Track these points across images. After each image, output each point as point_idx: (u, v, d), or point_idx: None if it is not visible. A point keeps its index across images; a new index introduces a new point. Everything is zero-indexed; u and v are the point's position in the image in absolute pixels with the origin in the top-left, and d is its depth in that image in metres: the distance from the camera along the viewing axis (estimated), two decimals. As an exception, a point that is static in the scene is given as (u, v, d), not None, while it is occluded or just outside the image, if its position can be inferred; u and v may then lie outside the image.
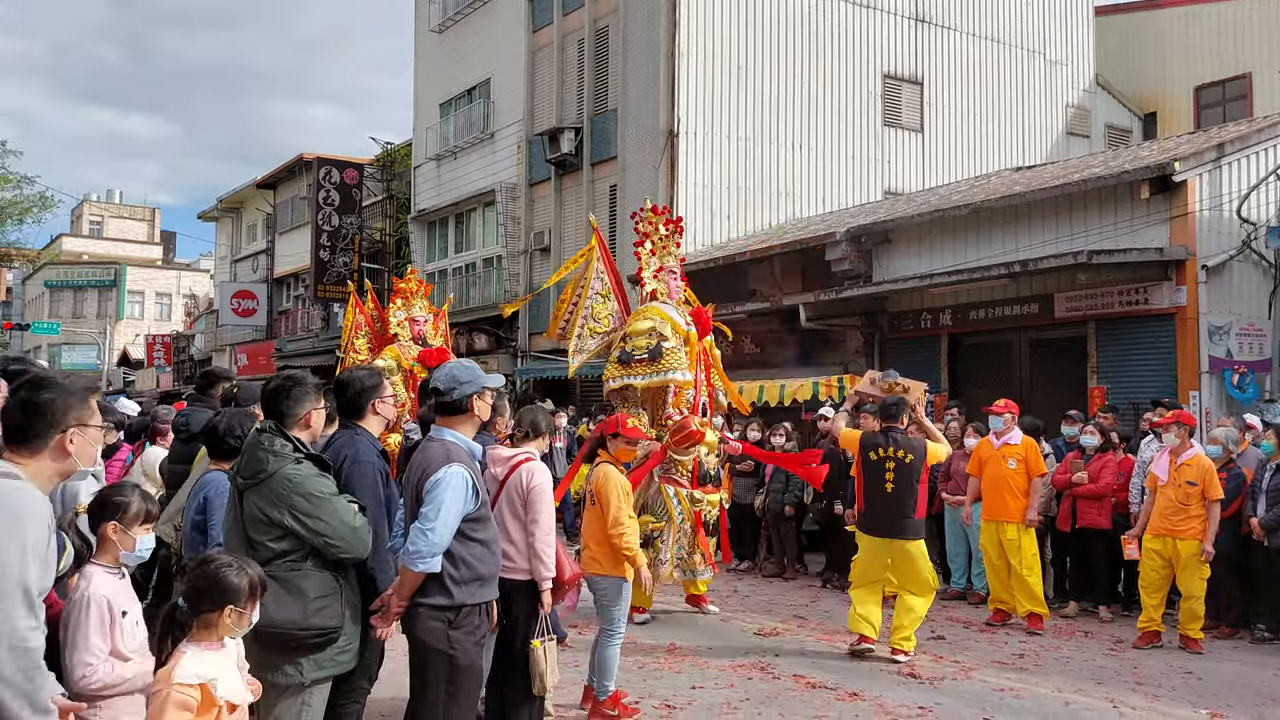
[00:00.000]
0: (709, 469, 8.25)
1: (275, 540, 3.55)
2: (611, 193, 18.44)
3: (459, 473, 3.83)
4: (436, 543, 3.76)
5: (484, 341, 21.12)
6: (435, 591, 3.82)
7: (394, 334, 11.21)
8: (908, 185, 18.98)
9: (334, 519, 3.58)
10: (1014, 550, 8.17)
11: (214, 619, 2.91)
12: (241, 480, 3.63)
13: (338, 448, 4.07)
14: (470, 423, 4.06)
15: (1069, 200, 11.88)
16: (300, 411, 3.77)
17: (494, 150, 21.41)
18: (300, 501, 3.55)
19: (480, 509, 3.93)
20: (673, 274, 8.42)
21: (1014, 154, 20.20)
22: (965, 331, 13.07)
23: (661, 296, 8.38)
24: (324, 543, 3.57)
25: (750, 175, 17.72)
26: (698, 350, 8.28)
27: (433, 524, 3.75)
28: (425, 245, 23.81)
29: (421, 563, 3.75)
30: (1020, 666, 7.02)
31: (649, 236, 8.54)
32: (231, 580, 2.91)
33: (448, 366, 4.15)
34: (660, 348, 7.94)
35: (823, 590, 10.12)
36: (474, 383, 4.03)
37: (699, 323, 8.36)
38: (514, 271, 20.57)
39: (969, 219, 12.82)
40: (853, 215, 15.93)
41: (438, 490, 3.79)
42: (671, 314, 8.22)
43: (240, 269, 34.93)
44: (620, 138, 18.03)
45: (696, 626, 8.21)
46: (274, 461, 3.58)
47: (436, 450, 3.93)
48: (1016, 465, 8.26)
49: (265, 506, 3.55)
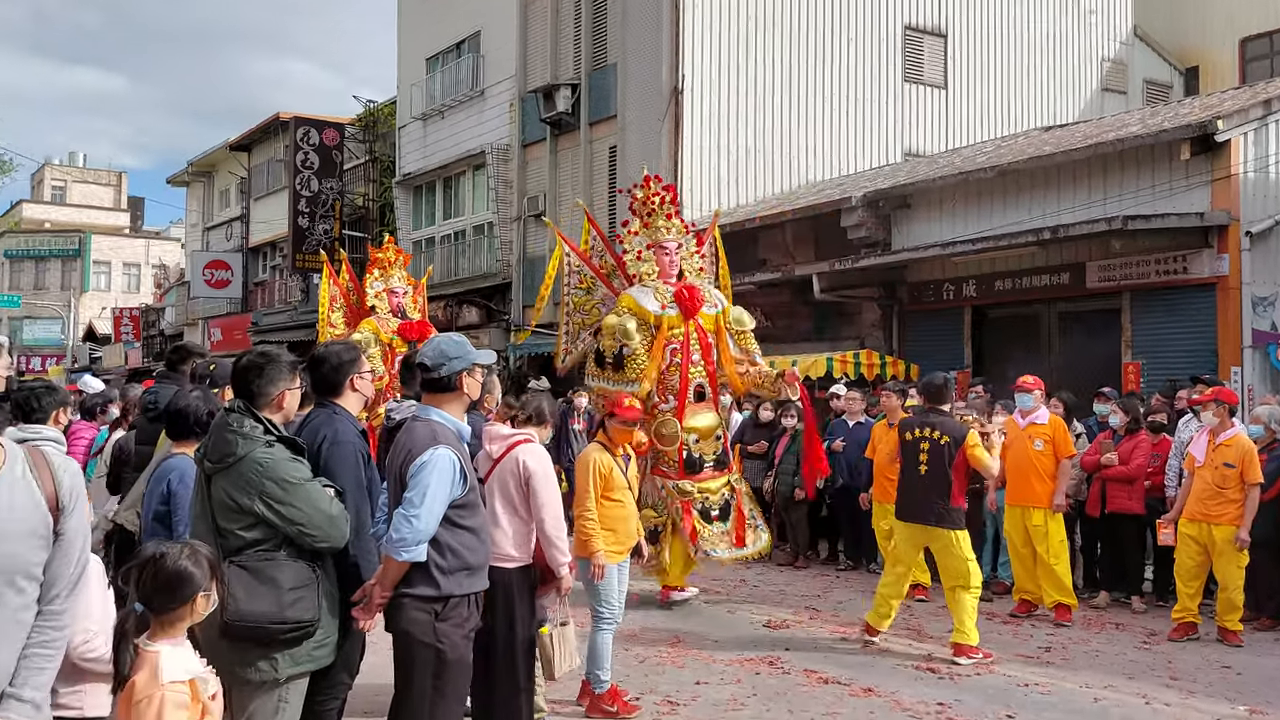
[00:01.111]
0: (699, 455, 8.23)
1: (246, 529, 3.54)
2: (611, 155, 18.35)
3: (446, 455, 3.82)
4: (422, 530, 3.75)
5: (474, 315, 21.10)
6: (420, 582, 3.82)
7: (371, 306, 11.19)
8: (929, 146, 18.87)
9: (309, 506, 3.57)
10: (1040, 537, 8.18)
11: (183, 612, 2.90)
12: (209, 464, 3.61)
13: (315, 427, 4.05)
14: (459, 401, 4.05)
15: (1103, 162, 11.80)
16: (273, 391, 3.75)
17: (484, 109, 21.29)
18: (272, 487, 3.53)
19: (469, 494, 3.92)
20: (664, 249, 8.39)
21: (1044, 112, 20.07)
22: (990, 303, 13.05)
23: (646, 278, 8.36)
24: (298, 531, 3.56)
25: (760, 136, 17.62)
26: (681, 332, 8.25)
27: (418, 510, 3.74)
28: (411, 211, 23.74)
29: (406, 551, 3.75)
30: (1047, 660, 7.04)
31: (637, 213, 8.58)
32: (191, 569, 2.90)
33: (435, 341, 4.13)
34: (622, 354, 8.14)
35: (836, 579, 10.14)
36: (463, 358, 4.02)
37: (683, 303, 8.28)
38: (506, 239, 20.52)
39: (995, 182, 12.76)
40: (870, 178, 15.86)
41: (423, 474, 3.78)
42: (641, 300, 8.25)
43: (213, 237, 34.86)
44: (620, 95, 17.92)
45: (701, 618, 8.25)
46: (243, 444, 3.56)
47: (422, 431, 3.91)
48: (1043, 446, 8.24)
49: (234, 492, 3.54)
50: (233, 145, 31.87)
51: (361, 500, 3.99)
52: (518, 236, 20.40)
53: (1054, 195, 12.29)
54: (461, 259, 21.90)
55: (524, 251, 20.27)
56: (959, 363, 13.26)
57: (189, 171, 35.75)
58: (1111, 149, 11.51)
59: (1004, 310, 13.01)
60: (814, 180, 17.91)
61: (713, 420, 8.39)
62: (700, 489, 8.25)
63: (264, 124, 29.66)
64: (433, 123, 22.88)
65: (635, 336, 8.09)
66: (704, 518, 8.28)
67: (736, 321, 8.59)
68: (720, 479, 8.38)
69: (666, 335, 8.21)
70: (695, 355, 8.31)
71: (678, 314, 8.25)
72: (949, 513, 6.98)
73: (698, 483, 8.23)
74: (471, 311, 21.17)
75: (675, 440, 8.17)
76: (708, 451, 8.30)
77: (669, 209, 8.55)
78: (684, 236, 8.65)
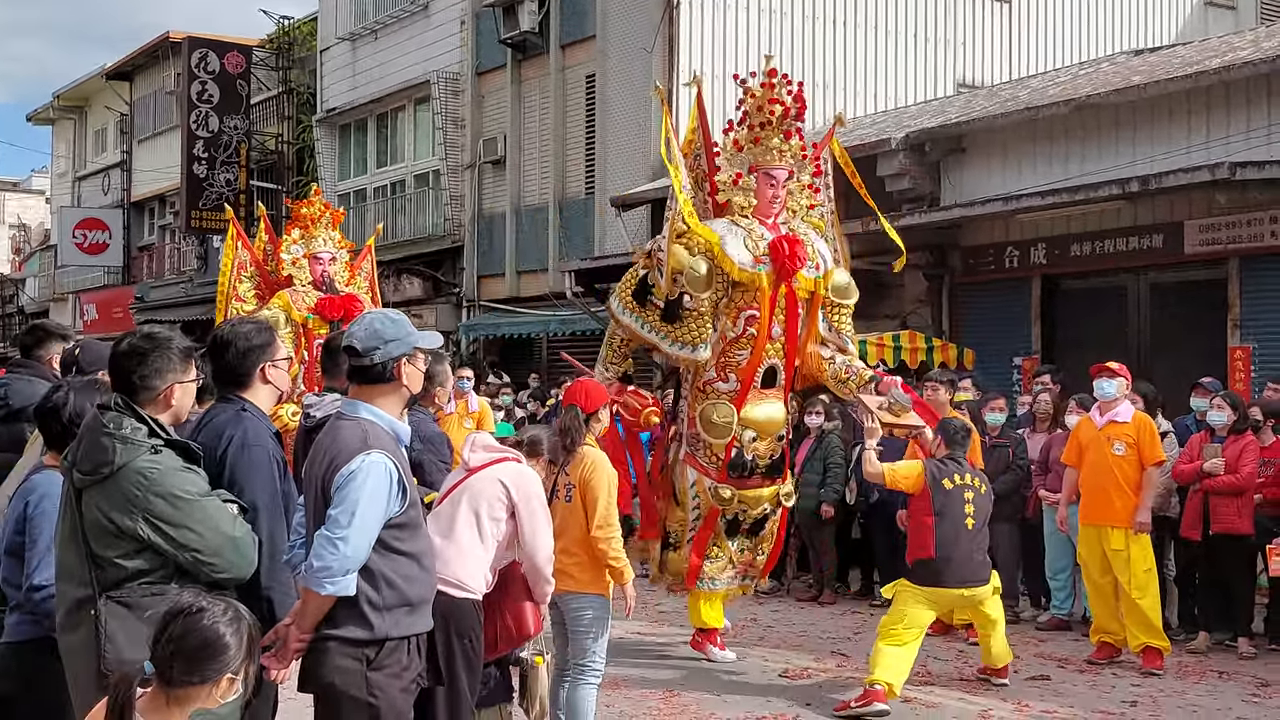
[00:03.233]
0: (750, 458, 8.00)
1: (127, 556, 3.53)
2: (588, 84, 18.31)
3: (380, 462, 3.83)
4: (350, 556, 3.75)
5: (417, 287, 21.07)
6: (349, 621, 3.82)
7: (288, 276, 11.09)
8: (988, 76, 18.88)
9: (205, 527, 3.57)
10: (1122, 564, 8.22)
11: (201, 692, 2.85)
12: (79, 475, 3.60)
13: (217, 428, 4.06)
14: (396, 395, 4.06)
15: (1205, 95, 11.82)
16: (160, 384, 3.74)
17: (429, 27, 21.21)
18: (160, 504, 3.53)
19: (409, 511, 3.93)
20: (770, 179, 7.86)
21: (1132, 33, 20.10)
22: (1064, 273, 13.07)
23: (740, 210, 7.92)
24: (193, 559, 3.56)
25: (778, 61, 17.42)
26: (769, 297, 7.76)
27: (344, 531, 3.74)
28: (336, 157, 23.66)
29: (330, 583, 3.75)
30: (1132, 718, 7.06)
31: (746, 117, 7.98)
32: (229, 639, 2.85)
33: (367, 319, 4.12)
34: (680, 304, 7.66)
35: (870, 617, 10.18)
36: (402, 341, 4.02)
37: (778, 258, 7.70)
38: (457, 193, 20.49)
39: (1070, 120, 12.77)
40: (914, 116, 15.86)
41: (352, 486, 3.78)
42: (727, 245, 7.66)
43: (86, 189, 34.68)
44: (599, 9, 17.89)
45: (701, 665, 8.25)
46: (122, 450, 3.55)
47: (349, 432, 3.91)
48: (1125, 451, 8.27)
49: (112, 511, 3.53)
50: (110, 73, 31.69)
51: (277, 519, 4.01)
52: (471, 189, 20.36)
53: (1145, 137, 12.30)
54: (401, 217, 21.84)
55: (479, 207, 20.24)
56: (1025, 346, 13.29)
57: (55, 106, 35.54)
58: (1217, 79, 11.53)
59: (1081, 281, 13.04)
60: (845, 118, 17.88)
61: (778, 414, 8.13)
62: (741, 497, 8.05)
63: (150, 46, 29.48)
64: (364, 45, 22.77)
65: (705, 290, 7.62)
66: (729, 530, 8.15)
67: (837, 291, 8.15)
68: (769, 489, 8.17)
69: (744, 301, 7.82)
70: (776, 329, 7.88)
71: (769, 273, 7.73)
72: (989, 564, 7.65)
73: (740, 490, 8.02)
74: (414, 283, 21.13)
75: (727, 433, 7.87)
76: (763, 454, 8.04)
77: (791, 124, 7.96)
78: (799, 162, 8.13)
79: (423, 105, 21.46)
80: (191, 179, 25.98)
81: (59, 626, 3.72)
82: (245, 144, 26.37)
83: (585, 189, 18.33)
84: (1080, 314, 13.05)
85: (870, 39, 18.25)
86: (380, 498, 3.81)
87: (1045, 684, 7.87)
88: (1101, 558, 8.34)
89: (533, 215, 19.20)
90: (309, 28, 25.48)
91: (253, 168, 26.59)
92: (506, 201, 19.59)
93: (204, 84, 26.05)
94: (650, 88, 16.65)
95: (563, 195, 18.74)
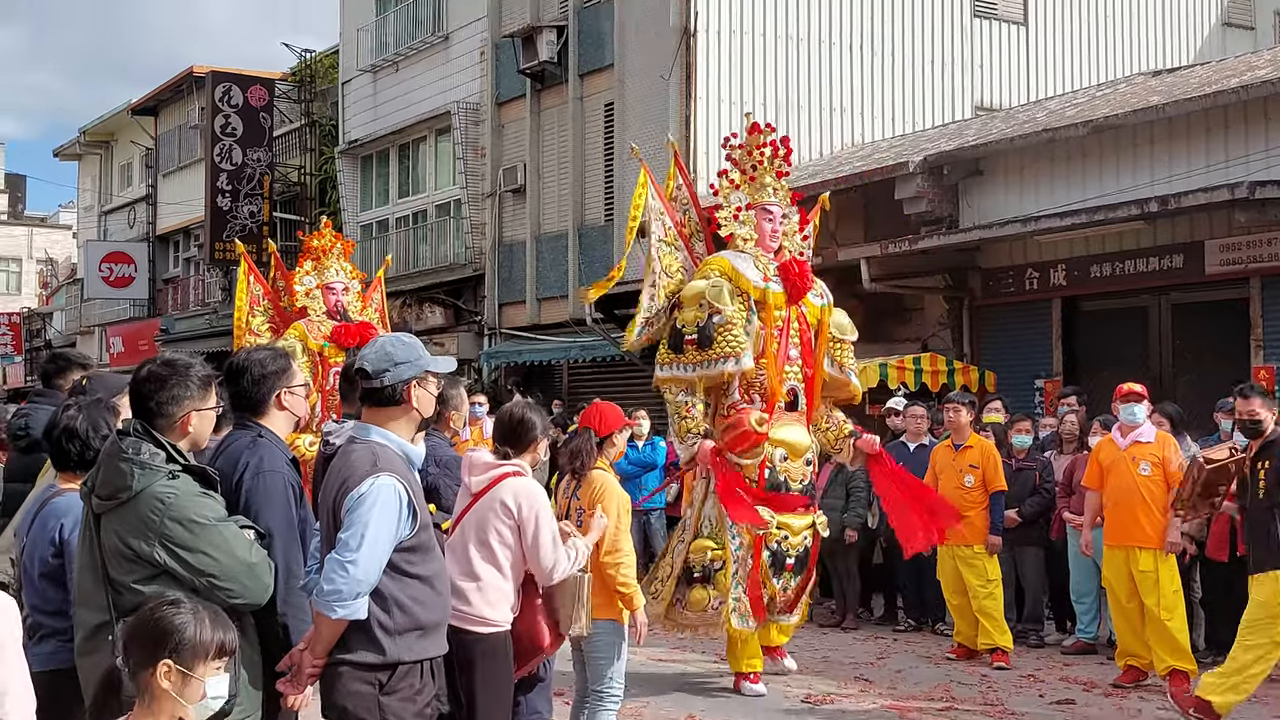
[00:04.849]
0: (784, 478, 8.02)
1: (144, 581, 3.54)
2: (607, 113, 18.39)
3: (390, 485, 3.84)
4: (361, 579, 3.76)
5: (438, 315, 21.15)
6: (361, 645, 3.82)
7: (302, 307, 11.20)
8: (1006, 98, 18.87)
9: (222, 552, 3.59)
10: (1149, 587, 8.15)
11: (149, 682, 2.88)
12: (97, 500, 3.63)
13: (234, 454, 4.08)
14: (406, 418, 4.08)
15: (1224, 115, 11.79)
16: (178, 411, 3.77)
17: (449, 59, 21.36)
18: (176, 529, 3.55)
19: (420, 534, 3.94)
20: (767, 213, 8.34)
21: (1150, 54, 20.06)
22: (1085, 294, 13.02)
23: (742, 242, 8.30)
24: (209, 584, 3.57)
25: (793, 87, 17.65)
26: (782, 317, 8.12)
27: (355, 555, 3.75)
28: (358, 188, 23.80)
29: (341, 606, 3.75)
30: (1158, 742, 7.03)
31: (737, 163, 8.49)
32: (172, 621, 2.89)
33: (379, 342, 4.16)
34: (711, 325, 7.86)
35: (894, 642, 10.13)
36: (412, 364, 4.04)
37: (789, 278, 8.15)
38: (477, 221, 20.57)
39: (1089, 142, 12.75)
40: (932, 139, 15.86)
41: (362, 509, 3.79)
42: (738, 264, 8.10)
43: (112, 223, 34.99)
44: (618, 40, 17.98)
45: (722, 692, 8.23)
46: (140, 476, 3.57)
47: (360, 455, 3.93)
48: (1151, 471, 8.23)
49: (129, 536, 3.55)
50: (135, 108, 31.99)
51: (292, 545, 4.01)
52: (492, 217, 20.45)
53: (1163, 157, 12.26)
54: (422, 246, 21.95)
55: (500, 236, 20.32)
56: (1046, 368, 13.24)
57: (82, 141, 35.90)
58: (1235, 99, 11.49)
59: (1101, 302, 12.99)
60: (861, 142, 17.92)
61: (805, 438, 8.23)
62: (780, 523, 8.01)
63: (174, 81, 29.78)
64: (385, 77, 22.94)
65: (729, 303, 7.87)
66: (775, 566, 8.08)
67: (839, 328, 8.54)
68: (806, 518, 8.22)
69: (762, 321, 8.06)
70: (793, 351, 8.18)
71: (782, 292, 8.13)
72: None
73: (779, 514, 8.01)
74: (435, 312, 21.21)
75: (759, 454, 7.95)
76: (794, 476, 8.09)
77: (780, 165, 8.47)
78: (789, 207, 8.59)
79: (443, 135, 21.58)
80: (215, 211, 26.18)
81: (76, 651, 3.74)
82: (268, 176, 26.56)
83: (604, 216, 18.38)
84: (1101, 335, 13.00)
85: (887, 63, 18.26)
86: (390, 520, 3.82)
87: (1071, 708, 7.83)
88: (1128, 580, 8.27)
89: (553, 242, 19.26)
90: (330, 60, 25.68)
91: (276, 199, 26.78)
92: (526, 229, 19.66)
93: (227, 117, 26.28)
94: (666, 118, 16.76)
95: (582, 222, 18.79)
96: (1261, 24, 21.14)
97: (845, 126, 17.99)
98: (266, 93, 26.84)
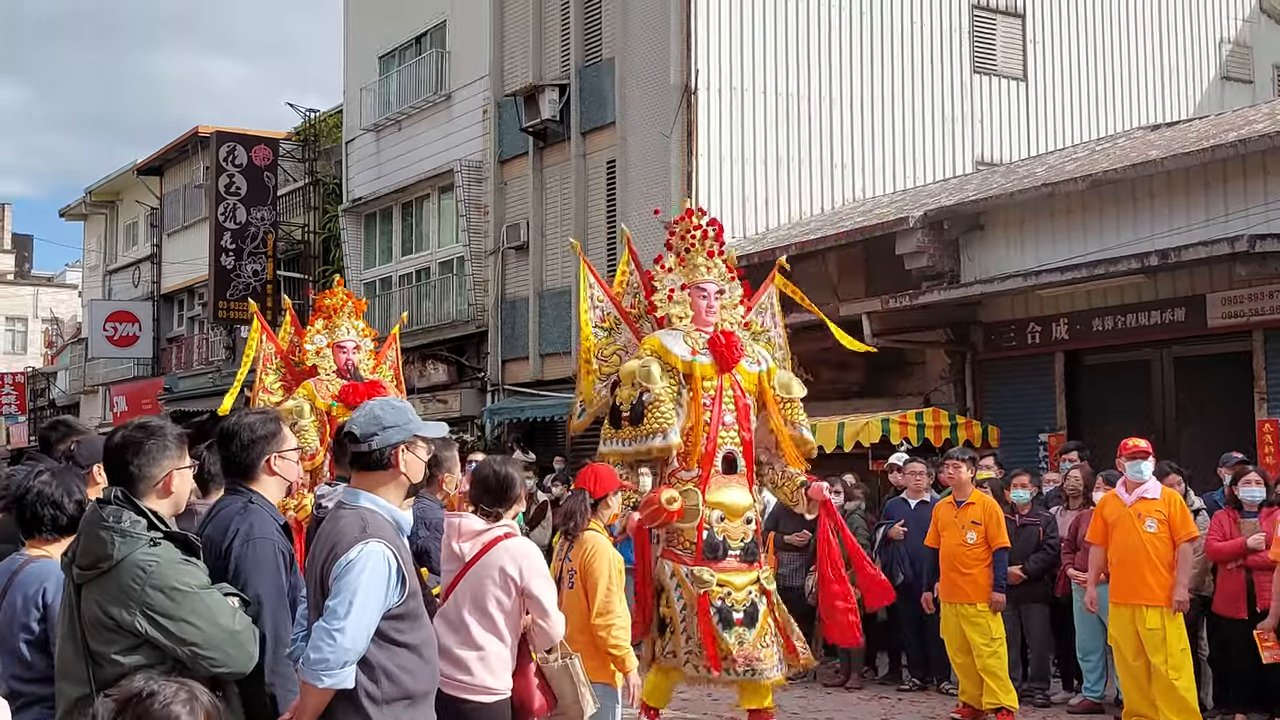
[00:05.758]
0: (721, 538, 8.21)
1: (125, 652, 3.51)
2: (609, 170, 18.51)
3: (378, 551, 3.81)
4: (347, 648, 3.72)
5: (441, 372, 21.17)
6: (347, 714, 3.77)
7: (312, 366, 11.18)
8: (1006, 153, 18.97)
9: (205, 620, 3.55)
10: (1157, 645, 8.07)
11: None
12: (78, 571, 3.60)
13: (224, 520, 4.07)
14: (395, 484, 4.06)
15: (1223, 168, 11.84)
16: (157, 473, 3.75)
17: (451, 117, 21.54)
18: (158, 598, 3.51)
19: (408, 601, 3.90)
20: (700, 292, 8.69)
21: (1149, 108, 20.19)
22: (1087, 348, 13.01)
23: (677, 320, 8.62)
24: (192, 654, 3.54)
25: (794, 144, 17.75)
26: (714, 386, 8.40)
27: (341, 622, 3.71)
28: (362, 246, 23.93)
29: (328, 675, 3.71)
30: (1168, 805, 6.90)
31: (672, 248, 8.91)
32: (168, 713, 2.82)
33: (369, 405, 4.15)
34: (642, 402, 8.25)
35: (899, 702, 10.02)
36: (400, 429, 4.03)
37: (717, 351, 8.46)
38: (480, 278, 20.64)
39: (1089, 196, 12.80)
40: (932, 194, 15.93)
41: (350, 576, 3.76)
42: (666, 342, 8.47)
43: (117, 283, 35.16)
44: (619, 98, 18.12)
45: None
46: (121, 544, 3.55)
47: (349, 521, 3.91)
48: (1157, 528, 8.18)
49: (110, 605, 3.52)
50: (141, 168, 32.26)
51: (281, 613, 3.98)
52: (495, 274, 20.52)
53: (1164, 211, 12.30)
54: (425, 303, 22.00)
55: (502, 293, 20.37)
56: (1049, 423, 13.19)
57: (87, 201, 36.17)
58: (1234, 152, 11.53)
59: (1104, 356, 12.98)
60: (862, 197, 18.00)
61: (743, 499, 8.39)
62: (720, 581, 8.17)
63: (179, 141, 30.05)
64: (388, 135, 23.13)
65: (658, 380, 8.25)
66: (723, 621, 8.18)
67: (783, 388, 8.77)
68: (747, 574, 8.32)
69: (701, 387, 8.38)
70: (729, 417, 8.43)
71: (711, 364, 8.45)
72: None
73: (719, 572, 8.16)
74: (438, 368, 21.23)
75: (695, 515, 8.14)
76: (734, 536, 8.27)
77: (711, 245, 8.85)
78: (728, 282, 8.92)
79: (446, 193, 21.71)
80: (219, 270, 26.31)
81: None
82: (272, 235, 26.72)
83: (607, 272, 18.26)
84: (1104, 389, 12.97)
85: (888, 119, 18.37)
86: (379, 587, 3.79)
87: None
88: (1134, 638, 8.19)
89: (555, 298, 19.29)
90: (334, 120, 25.90)
91: (280, 258, 26.90)
92: (529, 286, 19.71)
93: (232, 176, 26.49)
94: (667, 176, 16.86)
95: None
96: (1260, 78, 21.29)
97: (846, 181, 18.07)
98: (270, 152, 27.07)
